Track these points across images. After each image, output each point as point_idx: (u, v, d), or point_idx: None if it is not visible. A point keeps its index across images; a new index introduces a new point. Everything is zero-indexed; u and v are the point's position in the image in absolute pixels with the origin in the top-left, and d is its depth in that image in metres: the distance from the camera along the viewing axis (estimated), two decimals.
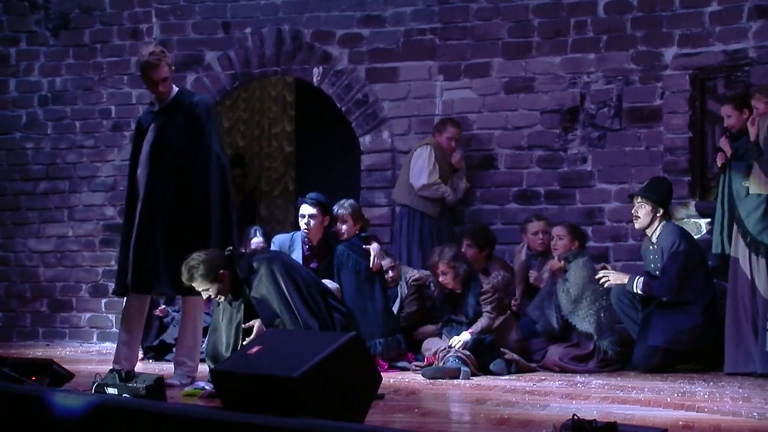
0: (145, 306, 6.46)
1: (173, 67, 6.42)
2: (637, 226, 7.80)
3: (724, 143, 7.44)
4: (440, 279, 7.50)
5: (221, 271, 6.03)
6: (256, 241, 8.28)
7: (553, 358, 7.44)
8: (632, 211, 7.78)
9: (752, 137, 7.21)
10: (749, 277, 7.25)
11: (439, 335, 7.45)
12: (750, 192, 7.10)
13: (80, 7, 10.00)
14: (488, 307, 7.38)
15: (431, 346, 7.32)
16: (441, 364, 7.03)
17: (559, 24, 8.75)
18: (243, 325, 6.13)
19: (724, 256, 7.39)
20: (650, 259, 7.76)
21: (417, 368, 7.24)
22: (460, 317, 7.51)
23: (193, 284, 6.06)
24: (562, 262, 7.67)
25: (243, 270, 6.16)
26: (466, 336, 7.21)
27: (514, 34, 8.86)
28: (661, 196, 7.70)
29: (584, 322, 7.49)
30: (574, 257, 7.67)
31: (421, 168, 8.51)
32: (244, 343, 6.01)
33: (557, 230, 7.87)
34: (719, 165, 7.47)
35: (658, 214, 7.67)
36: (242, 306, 6.14)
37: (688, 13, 8.38)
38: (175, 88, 6.41)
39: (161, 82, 6.24)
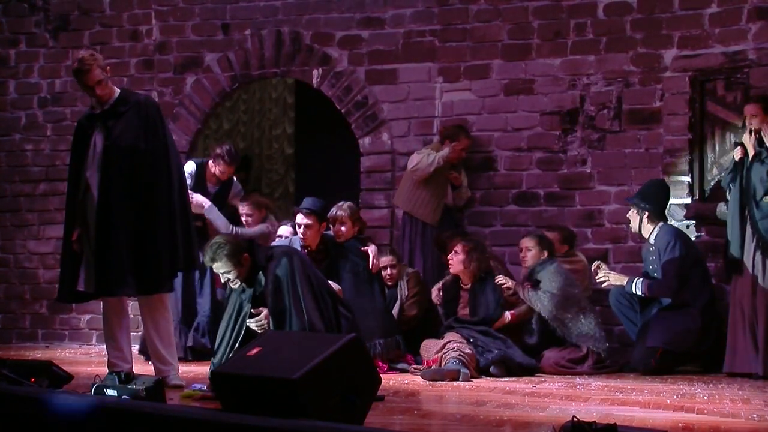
0: (123, 306, 6.43)
1: (108, 68, 6.37)
2: (632, 229, 7.87)
3: (746, 139, 7.39)
4: (449, 258, 7.56)
5: (245, 254, 6.12)
6: (285, 228, 8.32)
7: (548, 362, 7.43)
8: (627, 215, 7.86)
9: None
10: (751, 277, 7.27)
11: (440, 336, 7.46)
12: None
13: (80, 9, 9.99)
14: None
15: (430, 348, 7.32)
16: (443, 364, 7.02)
17: (559, 26, 8.75)
18: (252, 310, 6.17)
19: (738, 250, 7.40)
20: (650, 261, 7.79)
21: (416, 371, 7.23)
22: (464, 317, 7.50)
23: (215, 264, 6.15)
24: (525, 290, 7.63)
25: (261, 258, 6.23)
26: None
27: (514, 35, 8.86)
28: (650, 200, 7.76)
29: (569, 327, 7.48)
30: (542, 267, 7.66)
31: (416, 156, 8.53)
32: (249, 321, 6.08)
33: (525, 242, 7.86)
34: (737, 159, 7.44)
35: (644, 217, 7.74)
36: (252, 297, 6.18)
37: (687, 15, 8.37)
38: (116, 89, 6.39)
39: (97, 86, 6.23)
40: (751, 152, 7.34)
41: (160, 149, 6.28)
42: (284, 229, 8.34)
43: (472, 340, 7.21)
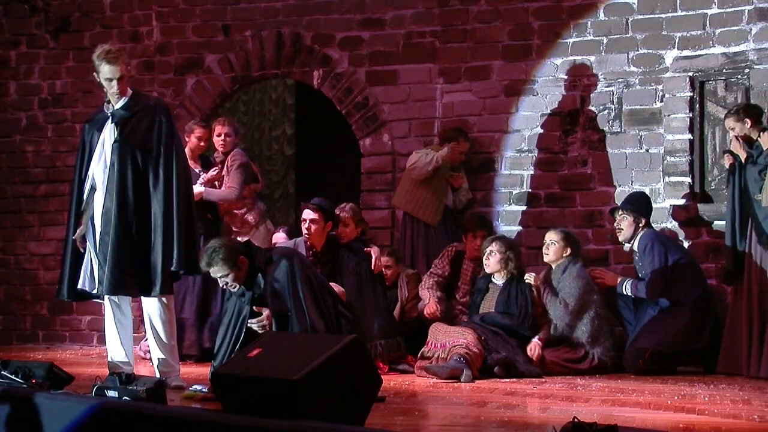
0: (125, 306, 6.44)
1: (129, 67, 6.40)
2: (621, 238, 7.92)
3: (736, 146, 7.45)
4: (485, 260, 7.54)
5: (241, 257, 6.09)
6: (279, 236, 8.32)
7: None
8: (614, 225, 7.89)
9: (764, 145, 7.29)
10: (758, 276, 7.30)
11: (450, 321, 7.46)
12: (763, 204, 7.17)
13: (80, 10, 10.00)
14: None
15: (439, 333, 7.27)
16: (448, 359, 7.01)
17: (559, 26, 8.75)
18: (254, 308, 6.16)
19: (736, 252, 7.41)
20: (637, 268, 7.85)
21: (421, 369, 7.20)
22: (489, 312, 7.46)
23: (212, 269, 6.11)
24: (545, 292, 7.59)
25: (259, 261, 6.20)
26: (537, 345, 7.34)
27: (514, 36, 8.86)
28: (640, 207, 7.82)
29: (578, 330, 7.48)
30: (565, 267, 7.62)
31: (414, 155, 8.54)
32: (251, 321, 6.07)
33: (551, 235, 7.78)
34: (727, 166, 7.53)
35: (640, 224, 7.80)
36: (251, 299, 6.17)
37: (688, 16, 8.37)
38: (129, 89, 6.41)
39: (118, 81, 6.26)
40: (743, 156, 7.41)
41: (168, 152, 6.30)
42: (278, 236, 8.33)
43: (484, 338, 7.19)
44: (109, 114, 6.35)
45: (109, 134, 6.31)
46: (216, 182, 8.39)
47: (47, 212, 9.97)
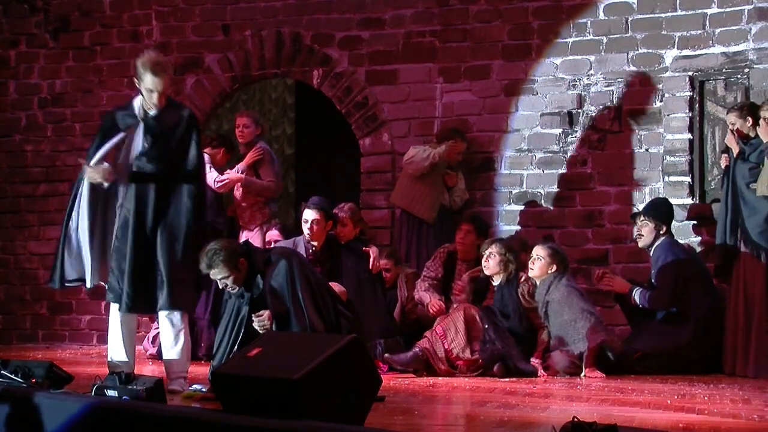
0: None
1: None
2: (641, 244, 7.89)
3: (731, 140, 7.47)
4: (484, 261, 7.51)
5: (241, 259, 6.08)
6: (272, 233, 8.34)
7: (561, 363, 7.36)
8: (635, 230, 7.84)
9: (765, 138, 7.30)
10: (744, 276, 7.32)
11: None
12: (757, 194, 7.18)
13: (80, 10, 10.00)
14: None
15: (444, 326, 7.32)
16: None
17: (559, 26, 8.75)
18: (253, 316, 6.15)
19: (727, 250, 7.43)
20: (651, 274, 7.83)
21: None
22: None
23: (212, 271, 6.06)
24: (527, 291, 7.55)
25: (258, 262, 6.19)
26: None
27: (514, 36, 8.86)
28: (662, 215, 7.79)
29: (575, 343, 7.42)
30: (550, 284, 7.53)
31: (412, 150, 8.55)
32: (254, 319, 6.07)
33: (538, 250, 7.65)
34: (723, 167, 7.56)
35: (660, 232, 7.77)
36: (250, 300, 6.16)
37: (688, 15, 8.37)
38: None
39: (160, 94, 6.10)
40: (735, 150, 7.44)
41: (195, 172, 6.17)
42: (271, 234, 8.32)
43: (487, 326, 7.19)
44: (140, 120, 6.18)
45: (140, 138, 6.13)
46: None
47: (47, 212, 9.97)
